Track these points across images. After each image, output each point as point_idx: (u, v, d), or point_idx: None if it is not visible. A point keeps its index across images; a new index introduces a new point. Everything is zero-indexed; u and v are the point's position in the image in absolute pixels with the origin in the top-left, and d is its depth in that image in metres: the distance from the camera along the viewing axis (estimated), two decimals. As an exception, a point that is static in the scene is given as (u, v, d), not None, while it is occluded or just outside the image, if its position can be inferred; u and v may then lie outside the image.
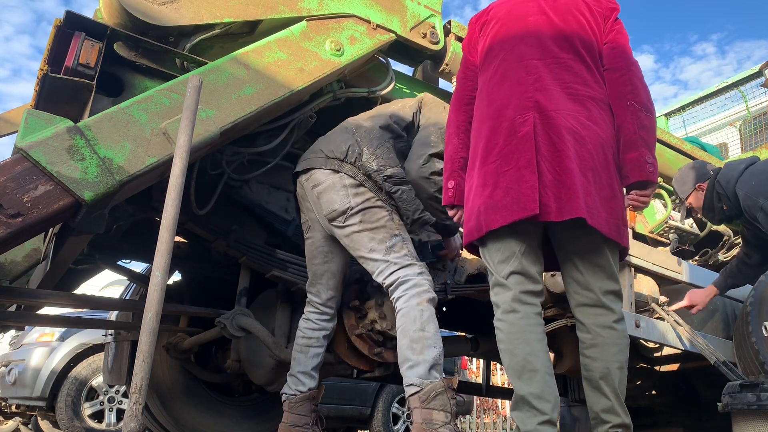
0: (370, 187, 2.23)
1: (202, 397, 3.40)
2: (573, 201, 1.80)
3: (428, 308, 2.09)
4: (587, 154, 1.86)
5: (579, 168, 1.83)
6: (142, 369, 1.55)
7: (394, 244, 2.18)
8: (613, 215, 1.88)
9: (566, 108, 1.90)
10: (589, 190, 1.83)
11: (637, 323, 3.02)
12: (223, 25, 2.35)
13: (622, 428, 1.90)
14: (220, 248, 2.76)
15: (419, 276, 2.14)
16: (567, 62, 1.97)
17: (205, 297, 3.29)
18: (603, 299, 1.94)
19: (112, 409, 5.20)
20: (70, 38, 2.04)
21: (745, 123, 5.21)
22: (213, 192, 2.56)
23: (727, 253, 3.92)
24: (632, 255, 3.13)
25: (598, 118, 1.92)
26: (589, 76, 1.97)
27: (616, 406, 1.89)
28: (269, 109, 2.27)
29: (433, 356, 2.01)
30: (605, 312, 1.94)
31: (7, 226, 1.68)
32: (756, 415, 2.20)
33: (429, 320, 2.06)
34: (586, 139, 1.87)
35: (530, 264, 1.93)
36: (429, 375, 1.99)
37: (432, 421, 1.93)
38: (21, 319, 3.10)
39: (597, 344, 1.93)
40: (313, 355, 2.41)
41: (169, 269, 1.68)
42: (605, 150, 1.90)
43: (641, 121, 1.91)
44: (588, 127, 1.89)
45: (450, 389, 1.99)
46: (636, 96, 1.93)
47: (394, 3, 2.71)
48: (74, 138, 1.83)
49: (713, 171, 3.09)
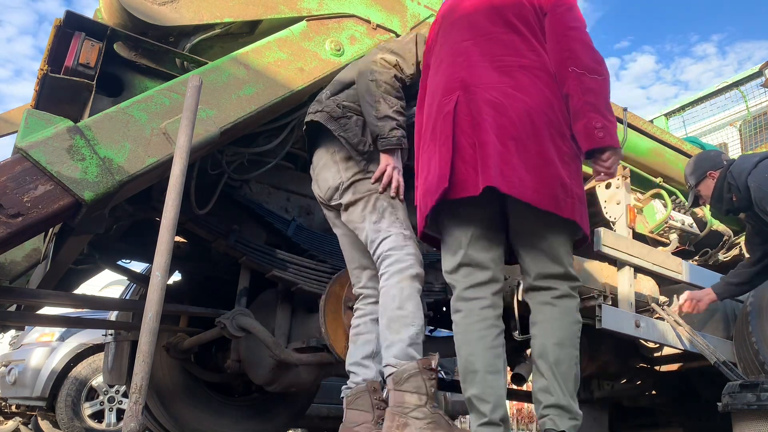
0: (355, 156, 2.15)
1: (202, 397, 3.40)
2: (486, 171, 1.72)
3: (409, 285, 1.99)
4: (509, 124, 1.77)
5: (498, 138, 1.75)
6: (142, 369, 1.55)
7: (383, 211, 2.09)
8: (545, 185, 1.74)
9: (491, 81, 1.83)
10: (508, 160, 1.74)
11: (637, 323, 3.02)
12: (223, 25, 2.35)
13: (554, 408, 1.75)
14: (220, 248, 2.76)
15: (402, 251, 2.04)
16: (498, 36, 1.90)
17: (205, 297, 3.29)
18: (541, 283, 1.85)
19: (112, 409, 5.20)
20: (70, 38, 2.04)
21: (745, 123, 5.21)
22: (213, 192, 2.56)
23: (727, 253, 3.92)
24: (632, 255, 3.13)
25: (528, 85, 1.82)
26: (523, 45, 1.88)
27: (552, 386, 1.76)
28: (269, 109, 2.27)
29: (410, 335, 1.92)
30: (544, 291, 1.85)
31: (7, 226, 1.68)
32: (756, 415, 2.20)
33: (409, 298, 1.97)
34: (509, 108, 1.78)
35: (479, 251, 1.86)
36: (405, 355, 1.89)
37: (404, 404, 1.82)
38: (21, 319, 3.10)
39: (536, 322, 1.85)
40: (363, 342, 2.18)
41: (169, 269, 1.68)
42: (533, 118, 1.78)
43: (585, 85, 1.78)
44: (512, 97, 1.80)
45: (427, 369, 1.87)
46: (575, 60, 1.81)
47: (394, 3, 2.72)
48: (74, 138, 1.83)
49: (727, 161, 3.07)
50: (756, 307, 3.10)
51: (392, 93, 2.12)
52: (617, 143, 1.82)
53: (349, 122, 2.14)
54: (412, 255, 2.04)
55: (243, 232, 2.75)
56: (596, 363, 3.74)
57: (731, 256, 3.92)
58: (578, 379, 1.82)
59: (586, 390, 4.46)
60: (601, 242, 3.00)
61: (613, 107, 3.37)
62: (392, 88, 2.13)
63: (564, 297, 1.85)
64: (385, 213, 2.09)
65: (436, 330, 4.29)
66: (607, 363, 3.78)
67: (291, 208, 2.96)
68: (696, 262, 3.87)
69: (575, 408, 1.77)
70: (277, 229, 2.85)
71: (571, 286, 1.87)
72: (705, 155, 3.19)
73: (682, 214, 3.64)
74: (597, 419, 4.59)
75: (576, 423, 1.75)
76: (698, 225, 3.72)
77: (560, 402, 1.75)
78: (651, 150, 3.56)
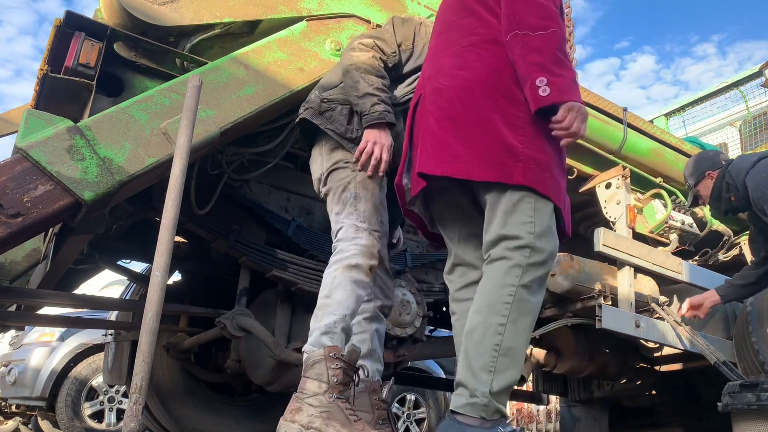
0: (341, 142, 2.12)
1: (202, 397, 3.40)
2: (420, 159, 1.72)
3: (342, 274, 1.92)
4: (446, 104, 1.73)
5: (436, 122, 1.73)
6: (142, 369, 1.55)
7: (346, 203, 2.03)
8: (487, 153, 1.64)
9: (445, 67, 1.81)
10: (443, 141, 1.69)
11: (637, 323, 3.02)
12: (223, 25, 2.35)
13: (458, 387, 1.59)
14: (220, 248, 2.76)
15: (351, 242, 1.97)
16: (459, 23, 1.87)
17: (205, 297, 3.29)
18: (485, 254, 1.69)
19: (112, 409, 5.19)
20: (70, 38, 2.04)
21: (745, 123, 5.21)
22: (213, 192, 2.56)
23: (727, 253, 3.92)
24: (632, 255, 3.13)
25: (472, 60, 1.76)
26: (476, 23, 1.83)
27: (459, 360, 1.62)
28: (269, 109, 2.27)
29: (327, 323, 1.85)
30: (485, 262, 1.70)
31: (7, 226, 1.68)
32: (756, 415, 2.20)
33: (338, 287, 1.90)
34: (449, 89, 1.75)
35: (469, 251, 1.83)
36: (318, 342, 1.83)
37: (304, 389, 1.74)
38: (21, 319, 3.11)
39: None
40: (358, 342, 2.09)
41: (169, 269, 1.68)
42: (473, 91, 1.71)
43: (528, 45, 1.67)
44: (454, 76, 1.76)
45: (333, 358, 1.75)
46: (519, 23, 1.70)
47: (394, 3, 2.72)
48: (74, 138, 1.83)
49: (726, 161, 3.07)
50: (756, 308, 3.10)
51: (372, 72, 2.08)
52: (570, 97, 1.65)
53: (334, 113, 2.12)
54: (358, 246, 1.96)
55: (243, 232, 2.75)
56: (596, 363, 3.74)
57: (731, 256, 3.91)
58: (505, 351, 1.55)
59: (586, 390, 4.47)
60: (601, 242, 3.00)
61: (613, 107, 3.41)
62: (371, 68, 2.09)
63: (495, 261, 1.65)
64: (347, 204, 2.03)
65: (436, 330, 4.29)
66: (607, 363, 3.78)
67: (291, 208, 2.96)
68: (696, 262, 3.87)
69: (478, 385, 1.53)
70: (277, 229, 2.85)
71: (507, 246, 1.64)
72: (703, 155, 3.19)
73: (682, 214, 3.63)
74: (597, 419, 4.60)
75: (474, 401, 1.52)
76: (698, 225, 3.72)
77: (459, 379, 1.57)
78: (651, 150, 3.56)
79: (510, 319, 1.57)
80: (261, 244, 2.76)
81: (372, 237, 1.99)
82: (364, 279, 1.95)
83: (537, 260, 1.62)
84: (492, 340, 1.55)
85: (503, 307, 1.58)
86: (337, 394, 1.72)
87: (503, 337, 1.55)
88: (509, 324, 1.57)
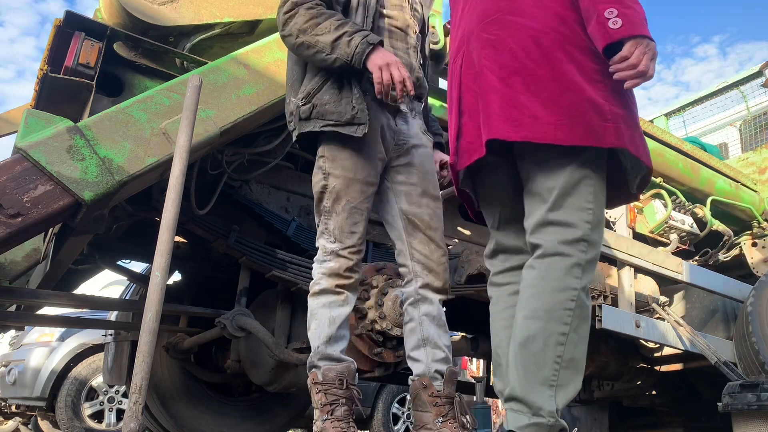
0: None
1: (202, 397, 3.40)
2: (488, 123, 1.48)
3: (313, 302, 1.91)
4: (508, 58, 1.49)
5: (499, 79, 1.49)
6: (142, 369, 1.55)
7: (320, 215, 1.94)
8: (569, 112, 1.43)
9: (488, 14, 1.57)
10: (516, 100, 1.45)
11: (638, 323, 3.02)
12: (223, 25, 2.35)
13: (512, 402, 1.43)
14: (220, 248, 2.76)
15: (319, 265, 1.93)
16: None
17: (205, 297, 3.29)
18: (531, 240, 1.50)
19: (112, 409, 5.20)
20: (70, 38, 2.04)
21: (745, 123, 5.21)
22: (213, 192, 2.56)
23: (727, 253, 3.92)
24: (632, 255, 3.13)
25: (526, 4, 1.53)
26: None
27: (511, 370, 1.44)
28: (269, 109, 2.27)
29: (313, 350, 1.87)
30: (530, 254, 1.52)
31: (7, 226, 1.68)
32: (756, 415, 2.20)
33: (312, 317, 1.90)
34: (507, 39, 1.50)
35: (510, 236, 1.65)
36: (311, 367, 1.89)
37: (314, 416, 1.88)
38: (21, 319, 3.11)
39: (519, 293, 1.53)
40: (408, 332, 2.01)
41: (169, 269, 1.68)
42: (539, 41, 1.48)
43: None
44: (508, 25, 1.52)
45: (314, 383, 1.84)
46: None
47: (394, 3, 2.71)
48: (74, 138, 1.83)
49: None
50: (756, 307, 3.10)
51: (318, 22, 1.82)
52: (644, 31, 1.40)
53: (322, 108, 1.86)
54: (325, 268, 1.91)
55: (243, 232, 2.75)
56: (596, 363, 3.74)
57: (731, 256, 3.92)
58: (567, 363, 1.40)
59: (586, 390, 4.47)
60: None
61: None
62: (312, 20, 1.82)
63: (549, 256, 1.44)
64: (321, 218, 1.94)
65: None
66: (607, 363, 3.79)
67: (291, 208, 2.96)
68: (696, 262, 3.87)
69: (543, 403, 1.37)
70: (277, 229, 2.85)
71: (561, 239, 1.44)
72: None
73: (682, 214, 3.63)
74: (597, 419, 4.60)
75: (540, 421, 1.36)
76: (698, 225, 3.72)
77: (515, 393, 1.40)
78: (651, 150, 3.54)
79: (572, 328, 1.40)
80: (261, 244, 2.76)
81: (340, 259, 1.90)
82: (335, 297, 1.90)
83: (593, 256, 1.47)
84: (554, 352, 1.39)
85: (566, 314, 1.41)
86: (326, 415, 1.77)
87: (565, 347, 1.40)
88: (571, 333, 1.40)
